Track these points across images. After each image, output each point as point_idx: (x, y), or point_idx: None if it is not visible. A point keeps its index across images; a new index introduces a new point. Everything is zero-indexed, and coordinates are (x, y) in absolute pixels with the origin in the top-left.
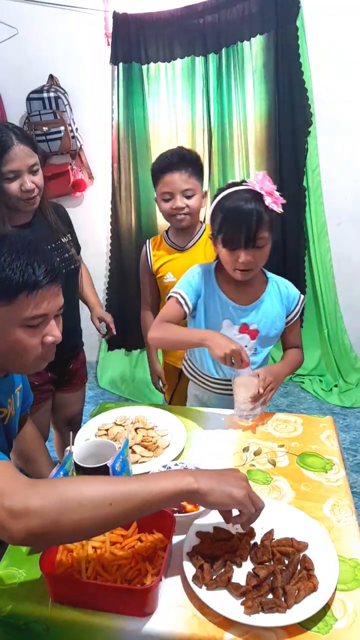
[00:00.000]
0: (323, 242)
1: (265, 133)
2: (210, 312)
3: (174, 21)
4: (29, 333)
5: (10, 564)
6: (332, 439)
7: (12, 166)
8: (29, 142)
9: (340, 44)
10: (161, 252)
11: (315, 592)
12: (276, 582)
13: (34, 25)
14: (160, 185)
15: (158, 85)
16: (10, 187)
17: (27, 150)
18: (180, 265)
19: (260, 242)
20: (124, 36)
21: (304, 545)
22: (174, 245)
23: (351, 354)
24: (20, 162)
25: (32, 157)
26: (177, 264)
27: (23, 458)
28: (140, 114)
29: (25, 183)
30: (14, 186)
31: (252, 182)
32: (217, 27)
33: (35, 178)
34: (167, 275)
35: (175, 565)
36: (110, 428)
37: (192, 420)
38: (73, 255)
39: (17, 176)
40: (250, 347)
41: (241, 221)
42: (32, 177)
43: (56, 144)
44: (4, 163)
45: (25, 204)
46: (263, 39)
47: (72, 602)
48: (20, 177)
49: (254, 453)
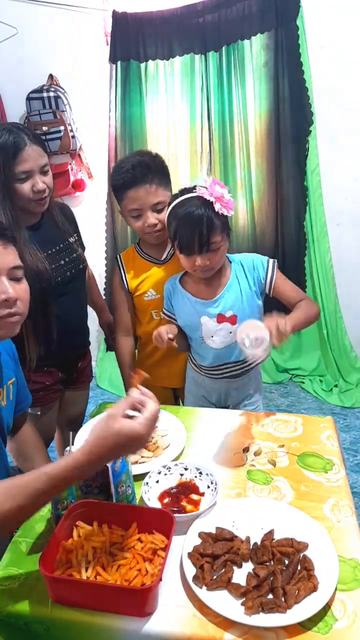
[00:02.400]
0: (323, 243)
1: (266, 132)
2: (185, 315)
3: (174, 20)
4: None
5: (10, 563)
6: (332, 439)
7: (25, 167)
8: (40, 142)
9: (340, 43)
10: (137, 268)
11: (315, 592)
12: (276, 582)
13: (34, 24)
14: (126, 202)
15: (156, 83)
16: (22, 188)
17: (39, 150)
18: (162, 280)
19: (213, 245)
20: (123, 35)
21: (304, 546)
22: (151, 258)
23: (351, 354)
24: (33, 162)
25: (43, 158)
26: (158, 278)
27: (22, 457)
28: (137, 112)
29: (36, 183)
30: (25, 187)
31: (201, 190)
32: (217, 25)
33: (46, 178)
34: (148, 293)
35: (175, 566)
36: None
37: (192, 420)
38: (80, 255)
39: (28, 177)
40: (234, 331)
41: (193, 228)
42: (43, 178)
43: (56, 143)
44: (16, 164)
45: (36, 205)
46: (263, 37)
47: (72, 602)
48: (31, 178)
49: (254, 453)
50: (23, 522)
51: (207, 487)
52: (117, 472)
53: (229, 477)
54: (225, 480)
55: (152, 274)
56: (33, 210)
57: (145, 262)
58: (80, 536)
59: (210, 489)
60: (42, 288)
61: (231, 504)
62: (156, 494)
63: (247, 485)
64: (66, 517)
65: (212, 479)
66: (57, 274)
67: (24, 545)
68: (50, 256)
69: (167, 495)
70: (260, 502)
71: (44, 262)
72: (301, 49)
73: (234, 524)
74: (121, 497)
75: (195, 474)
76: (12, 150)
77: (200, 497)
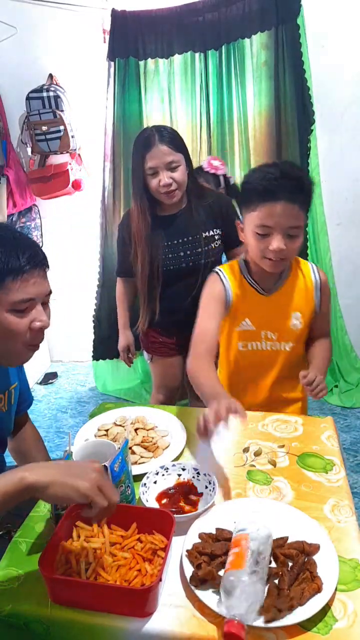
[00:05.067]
0: (323, 242)
1: (266, 131)
2: None
3: (173, 18)
4: (17, 317)
5: (10, 563)
6: (332, 440)
7: (152, 163)
8: (169, 141)
9: (341, 42)
10: (241, 291)
11: (318, 593)
12: (283, 583)
13: (34, 24)
14: (145, 162)
15: (155, 81)
16: (151, 182)
17: (165, 149)
18: (265, 311)
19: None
20: (122, 32)
21: (315, 548)
22: (257, 287)
23: (351, 354)
24: (159, 160)
25: (171, 155)
26: (260, 310)
27: (21, 456)
28: (135, 110)
29: (163, 178)
30: (154, 181)
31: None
32: (216, 24)
33: (175, 174)
34: (244, 322)
35: (175, 566)
36: (110, 428)
37: (192, 420)
38: (207, 252)
39: (156, 172)
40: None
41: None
42: (170, 173)
43: (56, 143)
44: (146, 161)
45: (165, 197)
46: (264, 36)
47: (72, 602)
48: (159, 174)
49: (254, 453)
50: None
51: (205, 487)
52: (116, 472)
53: (228, 477)
54: (225, 480)
55: (254, 303)
56: (164, 202)
57: (251, 288)
58: (80, 536)
59: (209, 489)
60: (151, 272)
61: (231, 505)
62: (154, 495)
63: (247, 485)
64: (66, 517)
65: (210, 479)
66: (170, 262)
67: (24, 545)
68: (172, 246)
69: (165, 496)
70: (260, 503)
71: (159, 250)
72: (302, 48)
73: (235, 525)
74: (120, 497)
75: (193, 474)
76: (142, 149)
77: (198, 498)
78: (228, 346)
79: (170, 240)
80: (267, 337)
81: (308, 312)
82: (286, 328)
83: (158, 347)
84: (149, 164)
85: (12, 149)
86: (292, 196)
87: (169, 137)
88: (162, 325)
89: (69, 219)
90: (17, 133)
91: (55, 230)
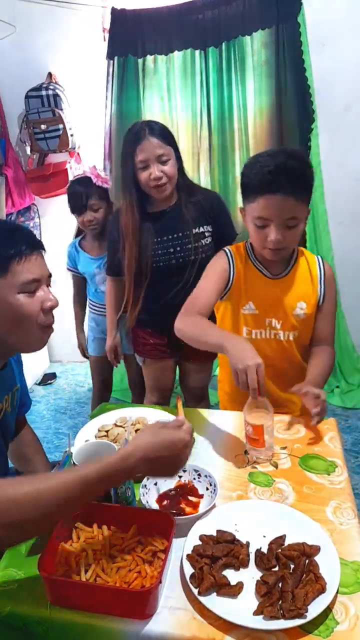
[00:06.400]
0: (325, 241)
1: (266, 129)
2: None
3: (173, 16)
4: (28, 298)
5: (10, 564)
6: (335, 441)
7: (142, 157)
8: (159, 134)
9: (341, 41)
10: (245, 271)
11: (322, 594)
12: (286, 586)
13: (33, 22)
14: (136, 155)
15: (154, 79)
16: (141, 176)
17: (156, 142)
18: (269, 297)
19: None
20: (121, 30)
21: (315, 550)
22: (262, 270)
23: (353, 354)
24: (149, 153)
25: (161, 149)
26: (264, 294)
27: (21, 459)
28: (134, 108)
29: (153, 172)
30: (144, 175)
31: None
32: (216, 22)
33: (165, 167)
34: (247, 306)
35: (175, 568)
36: (110, 429)
37: (193, 421)
38: (191, 249)
39: (146, 166)
40: None
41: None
42: (160, 167)
43: (55, 142)
44: (136, 154)
45: (155, 192)
46: (264, 34)
47: (71, 604)
48: (149, 167)
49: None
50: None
51: (205, 488)
52: None
53: (230, 479)
54: (227, 482)
55: (258, 285)
56: (155, 196)
57: (258, 272)
58: (79, 538)
59: (209, 490)
60: (139, 268)
61: (232, 507)
62: (154, 496)
63: (249, 487)
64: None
65: (210, 480)
66: (160, 259)
67: (24, 546)
68: (162, 243)
69: (165, 498)
70: (262, 505)
71: (148, 246)
72: (303, 46)
73: (236, 527)
74: (121, 498)
75: (194, 475)
76: (132, 142)
77: (199, 499)
78: (234, 332)
79: (160, 237)
80: (272, 326)
81: (312, 302)
82: (290, 316)
83: (150, 350)
84: (139, 157)
85: (10, 147)
86: (289, 188)
87: (159, 130)
88: (152, 324)
89: (68, 219)
90: (16, 132)
91: (54, 230)
